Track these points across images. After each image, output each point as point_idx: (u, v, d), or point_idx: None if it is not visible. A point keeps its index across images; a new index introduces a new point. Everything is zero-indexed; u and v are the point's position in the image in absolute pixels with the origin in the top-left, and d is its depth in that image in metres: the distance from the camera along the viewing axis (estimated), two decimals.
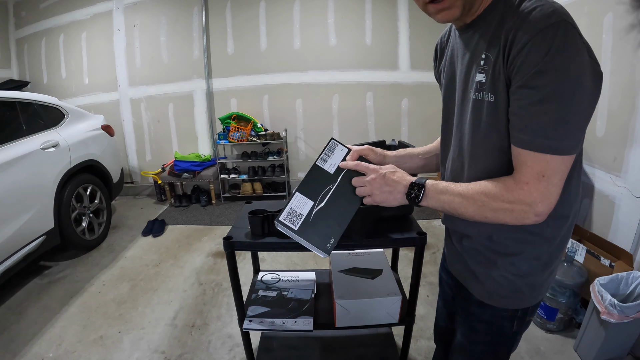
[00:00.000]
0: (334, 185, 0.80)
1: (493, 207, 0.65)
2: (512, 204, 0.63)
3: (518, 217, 0.64)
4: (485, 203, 0.65)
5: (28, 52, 4.07)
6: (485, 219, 0.67)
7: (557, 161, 0.59)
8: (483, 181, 0.68)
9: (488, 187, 0.66)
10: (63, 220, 2.48)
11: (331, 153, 0.83)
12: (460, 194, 0.68)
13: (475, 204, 0.66)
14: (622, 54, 1.76)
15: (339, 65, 3.74)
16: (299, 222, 0.77)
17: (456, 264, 0.88)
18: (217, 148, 3.93)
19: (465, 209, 0.68)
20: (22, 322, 1.96)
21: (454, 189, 0.69)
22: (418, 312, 1.69)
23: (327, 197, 0.79)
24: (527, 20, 0.57)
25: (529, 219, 0.63)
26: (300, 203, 0.79)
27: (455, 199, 0.69)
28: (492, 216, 0.66)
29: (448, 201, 0.69)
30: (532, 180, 0.61)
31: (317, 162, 0.82)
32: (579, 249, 1.84)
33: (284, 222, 0.77)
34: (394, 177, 0.74)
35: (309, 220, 0.78)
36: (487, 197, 0.65)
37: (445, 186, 0.71)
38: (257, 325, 1.27)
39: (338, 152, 0.84)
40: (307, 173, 0.82)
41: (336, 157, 0.83)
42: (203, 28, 3.70)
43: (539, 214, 0.62)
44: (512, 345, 0.86)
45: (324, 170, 0.82)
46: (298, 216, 0.78)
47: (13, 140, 2.22)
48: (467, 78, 0.71)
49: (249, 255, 1.79)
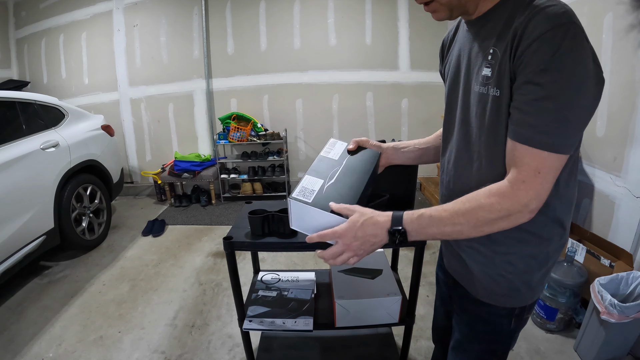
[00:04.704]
0: (340, 167, 0.86)
1: (490, 219, 0.63)
2: (509, 209, 0.62)
3: (514, 220, 0.64)
4: (480, 218, 0.64)
5: (28, 52, 4.07)
6: (482, 233, 0.65)
7: (554, 159, 0.60)
8: (471, 195, 0.66)
9: (480, 200, 0.64)
10: (63, 220, 2.48)
11: (332, 147, 0.92)
12: (449, 219, 0.65)
13: (469, 224, 0.64)
14: (622, 54, 1.76)
15: (339, 65, 3.74)
16: (312, 196, 0.78)
17: (453, 262, 0.88)
18: (217, 148, 3.93)
19: (459, 232, 0.66)
20: (22, 322, 1.97)
21: (440, 216, 0.66)
22: (418, 312, 1.69)
23: (335, 176, 0.84)
24: (538, 18, 0.57)
25: (524, 218, 0.63)
26: (311, 182, 0.82)
27: (445, 226, 0.65)
28: (490, 228, 0.65)
29: (439, 231, 0.67)
30: (529, 178, 0.61)
31: (321, 153, 0.90)
32: (579, 249, 1.84)
33: (297, 197, 0.78)
34: (367, 230, 0.68)
35: (321, 194, 0.79)
36: (482, 211, 0.63)
37: (429, 216, 0.66)
38: (257, 325, 1.27)
39: (338, 145, 0.92)
40: (313, 163, 0.88)
41: (337, 149, 0.91)
42: (203, 28, 3.71)
43: (532, 211, 0.63)
44: (509, 343, 0.86)
45: (329, 158, 0.89)
46: (310, 192, 0.80)
47: (13, 140, 2.22)
48: (473, 71, 0.71)
49: (249, 255, 1.79)
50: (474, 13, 0.70)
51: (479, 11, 0.69)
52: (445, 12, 0.68)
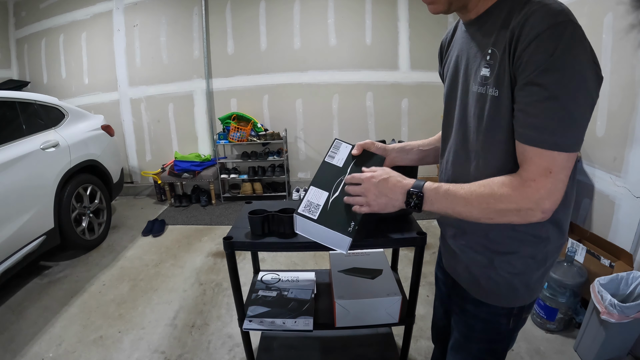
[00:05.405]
0: (344, 176, 0.84)
1: (499, 208, 0.64)
2: (519, 203, 0.62)
3: (525, 216, 0.63)
4: (490, 204, 0.64)
5: (28, 52, 4.07)
6: (490, 220, 0.66)
7: (563, 158, 0.60)
8: (487, 181, 0.67)
9: (493, 188, 0.65)
10: (63, 220, 2.48)
11: (337, 150, 0.90)
12: (463, 197, 0.67)
13: (479, 207, 0.66)
14: (622, 54, 1.76)
15: (339, 65, 3.74)
16: (317, 211, 0.79)
17: (452, 262, 0.88)
18: (217, 148, 3.93)
19: (469, 213, 0.67)
20: (22, 322, 1.97)
21: (455, 192, 0.68)
22: (418, 312, 1.69)
23: (340, 187, 0.83)
24: (535, 17, 0.57)
25: (536, 217, 0.63)
26: (316, 195, 0.82)
27: (458, 203, 0.68)
28: (499, 218, 0.65)
29: (451, 206, 0.68)
30: (539, 177, 0.61)
31: (325, 159, 0.88)
32: (579, 249, 1.84)
33: (303, 213, 0.78)
34: (389, 185, 0.74)
35: (326, 209, 0.80)
36: (493, 199, 0.64)
37: (446, 190, 0.69)
38: (257, 325, 1.27)
39: (343, 148, 0.90)
40: (317, 169, 0.87)
41: (342, 153, 0.89)
42: (203, 28, 3.70)
43: (545, 210, 0.62)
44: (508, 342, 0.86)
45: (333, 165, 0.87)
46: (316, 207, 0.80)
47: (13, 140, 2.22)
48: (471, 72, 0.71)
49: (249, 255, 1.79)
50: (473, 10, 0.69)
51: (477, 10, 0.69)
52: (444, 4, 0.68)
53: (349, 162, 0.87)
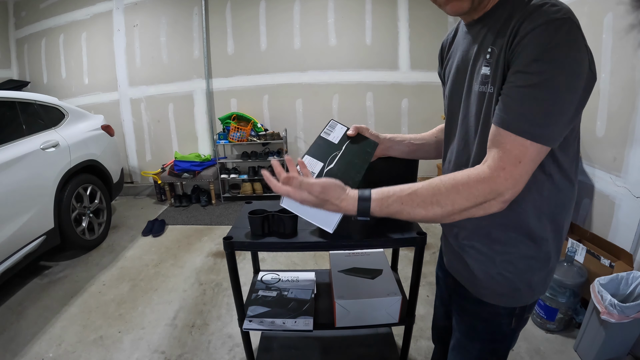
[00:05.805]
0: (339, 152, 0.86)
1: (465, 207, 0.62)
2: (486, 196, 0.61)
3: (486, 208, 0.63)
4: (456, 204, 0.62)
5: (28, 52, 4.07)
6: (452, 219, 0.65)
7: (535, 149, 0.59)
8: (449, 177, 0.64)
9: (458, 186, 0.62)
10: (63, 220, 2.47)
11: (332, 129, 0.92)
12: (420, 202, 0.64)
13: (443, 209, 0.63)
14: (622, 54, 1.76)
15: (339, 65, 3.74)
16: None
17: (454, 262, 0.88)
18: (217, 148, 3.93)
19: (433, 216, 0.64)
20: (22, 322, 1.96)
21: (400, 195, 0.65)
22: (418, 312, 1.69)
23: (335, 160, 0.84)
24: (534, 13, 0.58)
25: (495, 207, 0.62)
26: (311, 164, 0.82)
27: (414, 209, 0.64)
28: (459, 216, 0.64)
29: (403, 211, 0.65)
30: (509, 166, 0.60)
31: (321, 134, 0.90)
32: (579, 249, 1.84)
33: None
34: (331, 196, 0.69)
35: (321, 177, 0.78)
36: (459, 197, 0.62)
37: (392, 193, 0.66)
38: (257, 325, 1.27)
39: (339, 128, 0.94)
40: (312, 143, 0.87)
41: (337, 132, 0.92)
42: (203, 28, 3.70)
43: (506, 201, 0.62)
44: (510, 342, 0.86)
45: (329, 140, 0.89)
46: (311, 174, 0.79)
47: (13, 141, 2.22)
48: (472, 72, 0.71)
49: (249, 255, 1.79)
50: (484, 9, 0.69)
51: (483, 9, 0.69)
52: (469, 1, 0.65)
53: (344, 140, 0.90)
